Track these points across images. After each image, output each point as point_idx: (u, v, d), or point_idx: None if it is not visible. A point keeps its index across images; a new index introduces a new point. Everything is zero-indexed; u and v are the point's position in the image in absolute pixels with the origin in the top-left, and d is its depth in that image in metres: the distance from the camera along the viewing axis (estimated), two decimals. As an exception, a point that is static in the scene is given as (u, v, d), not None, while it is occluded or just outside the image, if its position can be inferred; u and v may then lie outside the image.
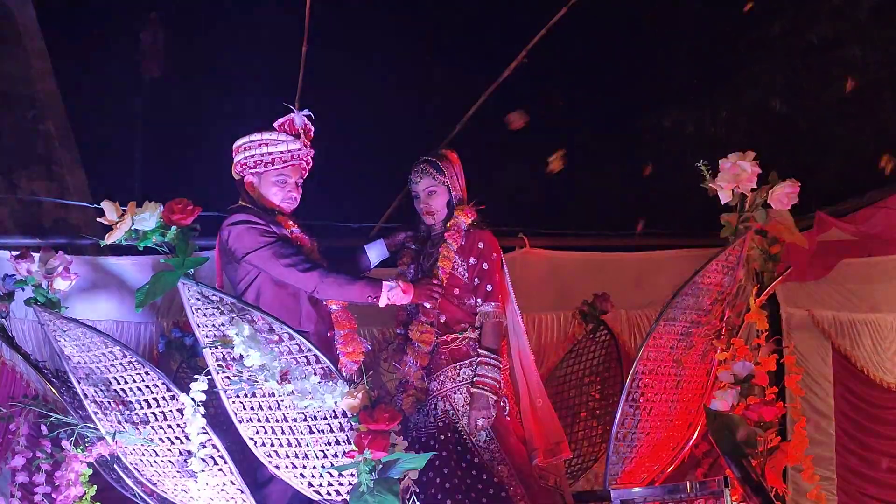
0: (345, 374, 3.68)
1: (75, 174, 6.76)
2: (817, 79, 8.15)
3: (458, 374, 4.26)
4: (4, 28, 6.57)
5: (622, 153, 8.60)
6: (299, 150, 4.17)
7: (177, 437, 3.84)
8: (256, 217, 4.07)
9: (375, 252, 4.52)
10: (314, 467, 3.70)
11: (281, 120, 4.18)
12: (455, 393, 4.25)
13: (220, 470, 3.82)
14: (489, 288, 4.28)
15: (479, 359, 4.22)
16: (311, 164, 4.27)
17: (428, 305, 4.24)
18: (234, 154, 4.21)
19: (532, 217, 6.26)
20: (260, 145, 4.14)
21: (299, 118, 4.16)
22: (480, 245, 4.33)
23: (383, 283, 4.07)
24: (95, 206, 5.29)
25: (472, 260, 4.31)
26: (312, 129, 4.22)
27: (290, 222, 4.19)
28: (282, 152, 4.14)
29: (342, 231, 6.03)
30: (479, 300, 4.30)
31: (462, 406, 4.22)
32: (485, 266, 4.30)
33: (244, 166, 4.18)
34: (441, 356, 4.30)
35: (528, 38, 6.17)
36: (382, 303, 4.08)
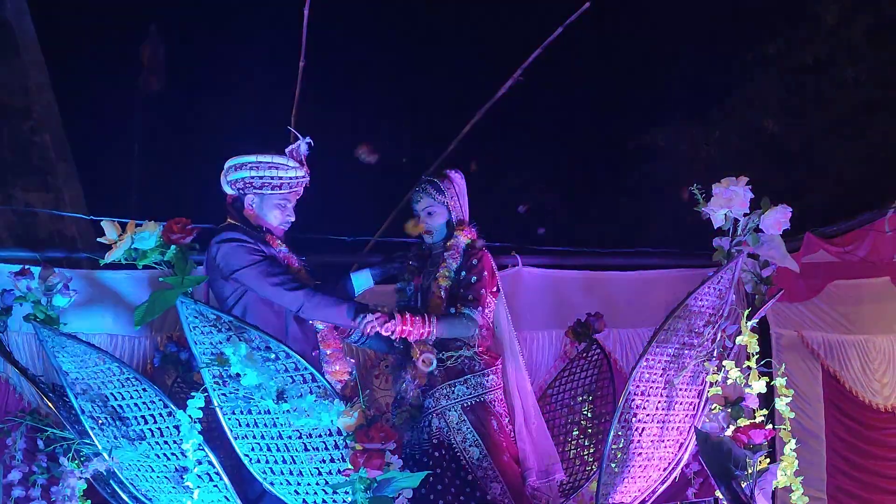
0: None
1: (71, 186, 6.77)
2: (811, 100, 8.22)
3: (453, 392, 4.29)
4: (2, 40, 6.58)
5: (617, 171, 8.64)
6: (304, 177, 4.26)
7: (173, 453, 3.86)
8: (245, 235, 4.11)
9: (361, 281, 4.55)
10: (309, 484, 3.73)
11: (291, 147, 4.25)
12: (449, 410, 4.27)
13: (216, 486, 3.85)
14: (470, 297, 4.30)
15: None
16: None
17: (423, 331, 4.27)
18: (233, 170, 4.23)
19: (526, 234, 6.29)
20: (270, 167, 4.19)
21: (304, 146, 4.22)
22: (474, 261, 4.36)
23: (368, 309, 4.11)
24: (91, 217, 5.31)
25: (462, 273, 4.35)
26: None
27: (279, 241, 4.24)
28: (291, 178, 4.22)
29: (336, 246, 6.06)
30: (460, 305, 4.32)
31: (456, 423, 4.25)
32: (472, 279, 4.33)
33: (248, 185, 4.21)
34: (436, 374, 4.33)
35: (525, 56, 6.21)
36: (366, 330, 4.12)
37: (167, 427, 3.84)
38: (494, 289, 4.45)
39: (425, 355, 4.21)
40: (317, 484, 3.72)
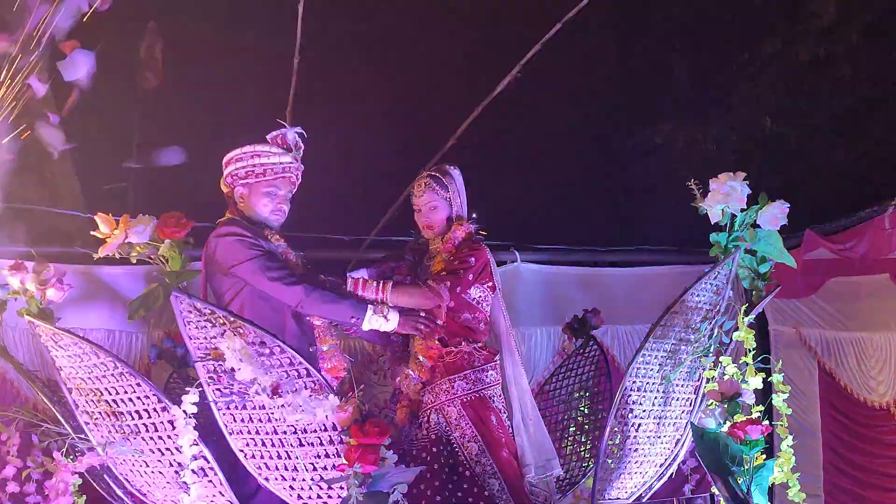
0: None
1: (68, 182, 6.75)
2: (808, 98, 8.21)
3: (453, 387, 4.28)
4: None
5: (615, 168, 8.64)
6: (291, 163, 4.20)
7: (167, 449, 3.85)
8: (244, 230, 4.09)
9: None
10: (304, 480, 3.72)
11: (274, 133, 4.22)
12: (449, 406, 4.27)
13: (210, 481, 3.84)
14: (443, 273, 4.29)
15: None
16: (300, 179, 4.30)
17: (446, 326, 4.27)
18: (224, 166, 4.24)
19: (524, 231, 6.28)
20: (252, 156, 4.17)
21: (291, 134, 4.19)
22: (465, 250, 4.37)
23: (369, 306, 4.10)
24: (88, 214, 5.30)
25: (453, 262, 4.34)
26: (303, 146, 4.25)
27: (278, 236, 4.22)
28: (273, 164, 4.17)
29: (334, 243, 6.05)
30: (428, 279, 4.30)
31: (455, 419, 4.25)
32: (455, 263, 4.33)
33: (235, 177, 4.20)
34: (436, 369, 4.32)
35: (523, 53, 6.20)
36: (366, 326, 4.11)
37: (161, 422, 3.83)
38: (490, 283, 4.44)
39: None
40: (312, 479, 3.70)
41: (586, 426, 4.85)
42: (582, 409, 4.90)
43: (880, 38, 7.91)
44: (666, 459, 4.43)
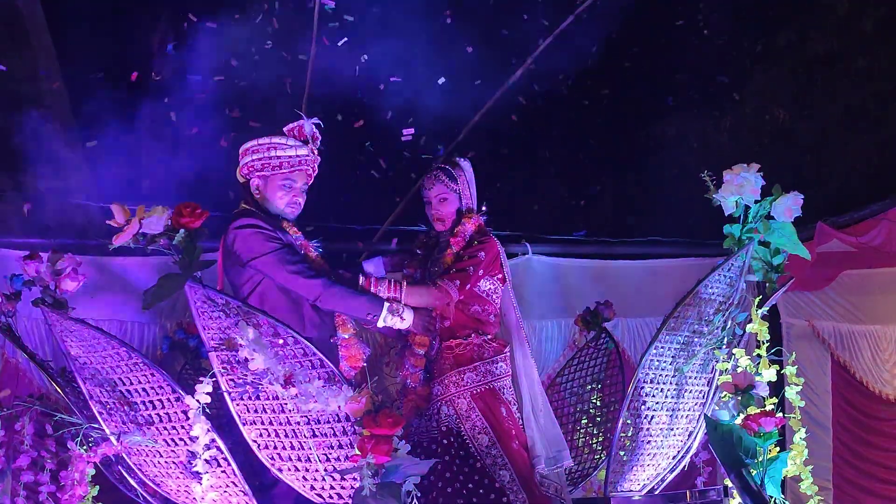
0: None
1: (81, 173, 6.77)
2: (821, 90, 8.19)
3: (462, 379, 4.29)
4: (12, 27, 6.58)
5: (627, 161, 8.63)
6: (307, 156, 4.19)
7: (181, 439, 3.86)
8: (263, 222, 4.09)
9: (372, 268, 4.54)
10: (317, 471, 3.73)
11: (291, 125, 4.21)
12: (458, 398, 4.27)
13: (224, 472, 3.84)
14: (454, 270, 4.30)
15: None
16: (316, 171, 4.30)
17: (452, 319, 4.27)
18: (241, 157, 4.23)
19: (536, 224, 6.29)
20: (269, 148, 4.16)
21: (308, 125, 4.18)
22: (475, 244, 4.37)
23: (385, 304, 4.11)
24: (101, 205, 5.32)
25: (463, 258, 4.35)
26: (320, 137, 4.24)
27: (295, 229, 4.22)
28: (290, 157, 4.16)
29: (346, 234, 6.05)
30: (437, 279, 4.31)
31: (465, 411, 4.25)
32: (465, 259, 4.33)
33: (251, 168, 4.19)
34: (445, 361, 4.32)
35: (535, 46, 6.20)
36: (380, 324, 4.12)
37: (175, 412, 3.84)
38: (500, 275, 4.44)
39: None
40: (325, 470, 3.71)
41: (598, 418, 4.86)
42: (594, 401, 4.90)
43: (894, 31, 7.87)
44: (679, 452, 4.42)
